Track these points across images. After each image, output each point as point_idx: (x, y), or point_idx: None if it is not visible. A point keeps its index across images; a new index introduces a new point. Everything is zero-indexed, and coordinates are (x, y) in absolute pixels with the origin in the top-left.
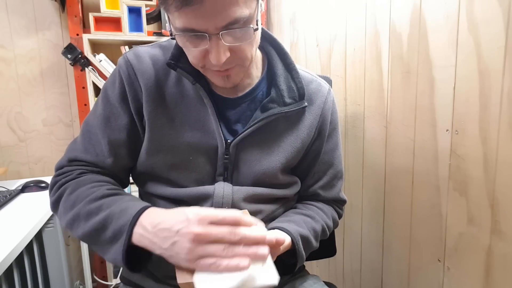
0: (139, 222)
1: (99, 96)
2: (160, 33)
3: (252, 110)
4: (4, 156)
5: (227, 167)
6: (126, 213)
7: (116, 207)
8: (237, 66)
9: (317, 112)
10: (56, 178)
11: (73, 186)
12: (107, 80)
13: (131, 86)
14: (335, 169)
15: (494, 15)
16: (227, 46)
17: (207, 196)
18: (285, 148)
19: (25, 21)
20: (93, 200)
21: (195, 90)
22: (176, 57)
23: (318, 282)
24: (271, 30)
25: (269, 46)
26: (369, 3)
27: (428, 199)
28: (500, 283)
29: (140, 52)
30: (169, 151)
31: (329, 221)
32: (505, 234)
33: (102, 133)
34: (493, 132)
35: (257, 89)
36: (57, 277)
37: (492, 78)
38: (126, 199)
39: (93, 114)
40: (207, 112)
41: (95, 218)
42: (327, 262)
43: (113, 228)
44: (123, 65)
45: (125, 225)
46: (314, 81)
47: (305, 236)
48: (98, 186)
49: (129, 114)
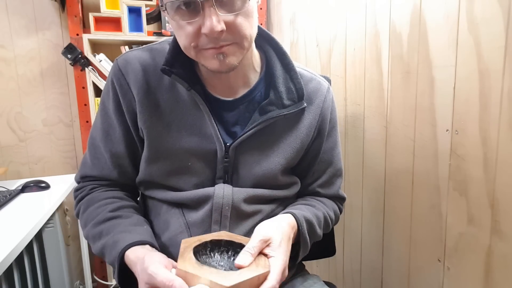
0: (125, 257)
1: (98, 108)
2: (160, 33)
3: (250, 112)
4: (4, 156)
5: (227, 170)
6: (116, 247)
7: (109, 238)
8: (234, 44)
9: (316, 111)
10: (75, 193)
11: (85, 205)
12: (103, 90)
13: (125, 97)
14: (335, 167)
15: (494, 15)
16: (220, 16)
17: (207, 197)
18: (285, 149)
19: (25, 21)
20: (96, 225)
21: (191, 95)
22: (170, 63)
23: (318, 282)
24: (271, 30)
25: (268, 45)
26: (369, 3)
27: (428, 199)
28: (500, 283)
29: (131, 58)
30: (167, 158)
31: (331, 212)
32: (505, 234)
33: (104, 146)
34: (493, 132)
35: (255, 90)
36: (57, 277)
37: (492, 78)
38: (121, 228)
39: (95, 127)
40: (204, 117)
41: (97, 244)
42: (327, 262)
43: (108, 258)
44: (115, 75)
45: (114, 260)
46: (313, 79)
47: (309, 219)
48: (103, 206)
49: (125, 125)
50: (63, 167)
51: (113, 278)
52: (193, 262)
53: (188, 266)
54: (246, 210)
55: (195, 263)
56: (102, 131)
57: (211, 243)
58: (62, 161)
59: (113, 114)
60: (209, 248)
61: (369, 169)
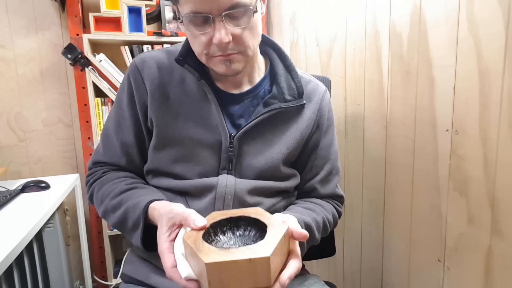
0: (149, 211)
1: (114, 102)
2: (160, 33)
3: (254, 106)
4: (4, 156)
5: (231, 159)
6: (139, 205)
7: (130, 202)
8: (239, 54)
9: (315, 107)
10: (87, 178)
11: (99, 185)
12: (120, 86)
13: (138, 90)
14: (332, 164)
15: (494, 15)
16: (229, 29)
17: (211, 187)
18: (286, 140)
19: (25, 21)
20: (115, 196)
21: (199, 87)
22: (184, 55)
23: (319, 282)
24: (271, 30)
25: (271, 50)
26: (369, 3)
27: (428, 199)
28: (500, 283)
29: (146, 57)
30: (174, 145)
31: (329, 216)
32: (505, 234)
33: (115, 135)
34: (493, 132)
35: (260, 86)
36: (57, 277)
37: (492, 78)
38: (140, 193)
39: (109, 119)
40: (211, 107)
41: (117, 212)
42: (327, 262)
43: (132, 218)
44: (131, 71)
45: (138, 217)
46: (311, 81)
47: (308, 224)
48: (118, 182)
49: (135, 117)
50: (63, 167)
51: (113, 278)
52: (216, 251)
53: (216, 257)
54: (248, 201)
55: (219, 251)
56: (115, 121)
57: (212, 227)
58: (62, 161)
59: (126, 106)
60: (212, 233)
61: (369, 169)
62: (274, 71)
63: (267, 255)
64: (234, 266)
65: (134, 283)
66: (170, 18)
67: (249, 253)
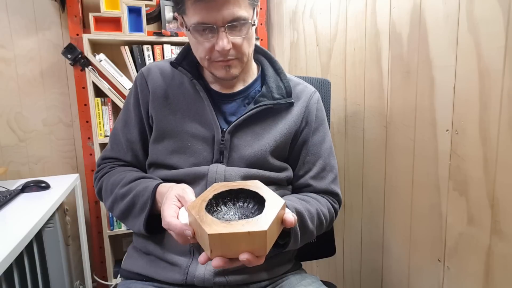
0: (157, 191)
1: (123, 105)
2: (160, 33)
3: (246, 104)
4: (4, 156)
5: (222, 151)
6: (148, 188)
7: (140, 187)
8: (236, 60)
9: (303, 104)
10: (96, 174)
11: (107, 179)
12: (128, 92)
13: (142, 92)
14: (324, 161)
15: (494, 15)
16: (230, 38)
17: (203, 175)
18: (274, 134)
19: (25, 21)
20: (125, 185)
21: (194, 89)
22: (179, 61)
23: (316, 282)
24: (271, 30)
25: (262, 57)
26: (369, 3)
27: (428, 199)
28: (500, 283)
29: (152, 66)
30: (171, 138)
31: (324, 209)
32: (505, 234)
33: (122, 133)
34: (493, 132)
35: (251, 87)
36: (57, 277)
37: (492, 78)
38: (147, 181)
39: (118, 120)
40: (205, 105)
41: (126, 199)
42: (327, 262)
43: (141, 201)
44: (138, 77)
45: (147, 198)
46: (301, 84)
47: (300, 212)
48: (126, 172)
49: (139, 116)
50: (63, 167)
51: (113, 278)
52: (218, 223)
53: (218, 229)
54: None
55: (220, 223)
56: (122, 121)
57: (214, 198)
58: (62, 161)
59: (132, 107)
60: (214, 204)
61: (369, 169)
62: (264, 74)
63: (264, 229)
64: (234, 237)
65: (133, 277)
66: (170, 18)
67: (248, 226)
